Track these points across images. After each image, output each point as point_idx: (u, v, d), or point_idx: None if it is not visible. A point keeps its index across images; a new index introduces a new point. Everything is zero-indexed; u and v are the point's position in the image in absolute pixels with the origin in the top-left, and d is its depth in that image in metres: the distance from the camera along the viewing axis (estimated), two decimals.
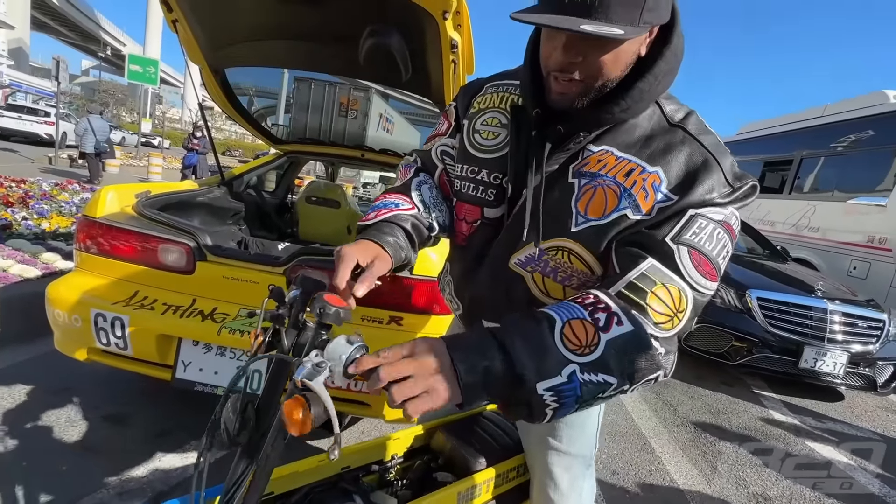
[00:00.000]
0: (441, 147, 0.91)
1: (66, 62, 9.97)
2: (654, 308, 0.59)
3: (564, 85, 0.64)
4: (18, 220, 3.52)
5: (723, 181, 0.65)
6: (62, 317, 1.59)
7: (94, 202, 1.75)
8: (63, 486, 1.45)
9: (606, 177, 0.68)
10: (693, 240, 0.62)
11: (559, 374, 0.53)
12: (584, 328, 0.56)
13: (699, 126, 0.70)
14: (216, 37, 1.94)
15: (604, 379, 0.55)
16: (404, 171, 0.92)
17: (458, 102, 0.89)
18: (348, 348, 0.53)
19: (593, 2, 0.55)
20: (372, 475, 0.99)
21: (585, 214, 0.69)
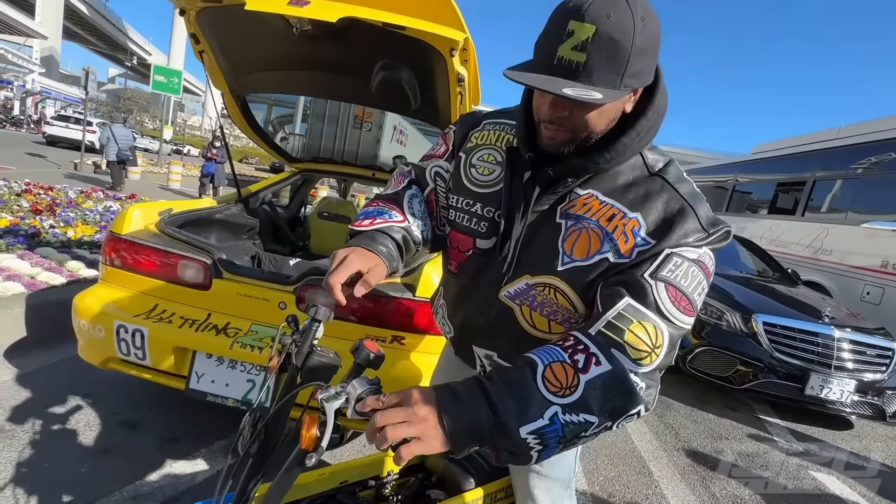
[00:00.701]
0: (435, 168, 0.95)
1: (95, 73, 10.39)
2: (631, 345, 0.62)
3: (553, 132, 0.71)
4: (46, 227, 3.70)
5: (698, 227, 0.69)
6: (87, 327, 1.70)
7: (120, 219, 1.87)
8: (82, 488, 1.54)
9: (591, 220, 0.73)
10: (669, 276, 0.66)
11: (541, 417, 0.56)
12: (563, 370, 0.60)
13: (677, 175, 0.75)
14: (239, 66, 2.06)
15: (585, 419, 0.58)
16: (398, 180, 0.96)
17: (457, 129, 0.94)
18: (365, 387, 0.61)
19: (578, 66, 0.61)
20: (368, 490, 1.06)
21: (571, 255, 0.74)
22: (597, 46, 0.59)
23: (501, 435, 0.56)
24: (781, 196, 6.91)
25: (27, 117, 25.69)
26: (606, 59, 0.60)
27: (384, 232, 0.81)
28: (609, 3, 0.59)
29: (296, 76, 2.10)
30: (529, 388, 0.59)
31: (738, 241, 5.20)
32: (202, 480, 1.67)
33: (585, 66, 0.60)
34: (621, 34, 0.59)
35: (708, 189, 9.32)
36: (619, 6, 0.59)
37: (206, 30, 1.86)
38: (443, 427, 0.55)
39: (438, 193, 0.95)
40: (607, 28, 0.59)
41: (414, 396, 0.56)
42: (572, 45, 0.60)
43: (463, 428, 0.55)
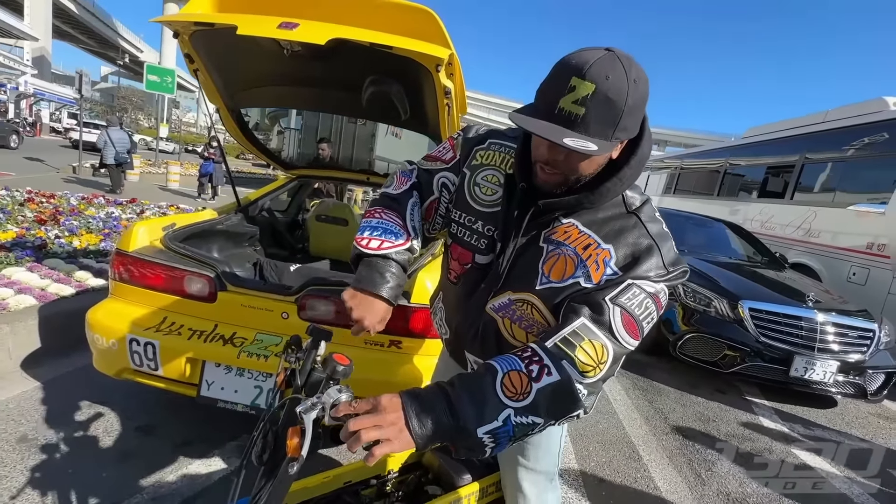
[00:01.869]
0: (443, 179, 1.01)
1: (89, 74, 10.36)
2: (580, 359, 0.72)
3: (547, 174, 0.80)
4: (52, 238, 3.79)
5: (660, 264, 0.79)
6: (101, 341, 1.81)
7: (126, 237, 1.96)
8: (105, 491, 1.66)
9: (569, 247, 0.83)
10: (626, 303, 0.76)
11: (496, 420, 0.66)
12: (519, 378, 0.69)
13: (650, 215, 0.85)
14: (233, 83, 2.13)
15: (533, 420, 0.68)
16: (401, 181, 1.01)
17: (463, 142, 1.00)
18: (337, 396, 0.71)
19: (577, 117, 0.69)
20: (370, 488, 1.17)
21: (548, 276, 0.83)
22: (594, 103, 0.68)
23: (460, 435, 0.66)
24: (772, 179, 6.99)
25: (22, 120, 25.50)
26: (602, 114, 0.69)
27: (392, 259, 0.89)
28: (608, 66, 0.67)
29: (289, 91, 2.17)
30: (488, 393, 0.68)
31: (727, 227, 5.30)
32: (217, 480, 1.79)
33: (583, 119, 0.68)
34: (616, 94, 0.67)
35: (700, 173, 9.38)
36: (616, 69, 0.67)
37: (199, 50, 1.93)
38: (409, 429, 0.63)
39: (441, 203, 1.01)
40: (605, 88, 0.67)
41: (382, 403, 0.65)
42: (573, 99, 0.68)
43: (427, 430, 0.64)
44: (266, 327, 1.81)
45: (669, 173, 10.74)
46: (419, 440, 0.64)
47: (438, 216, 1.03)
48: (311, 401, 0.72)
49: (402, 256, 0.90)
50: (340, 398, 0.73)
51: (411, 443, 0.64)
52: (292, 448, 0.71)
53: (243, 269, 2.41)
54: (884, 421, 3.46)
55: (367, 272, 0.87)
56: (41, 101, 32.85)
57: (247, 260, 2.60)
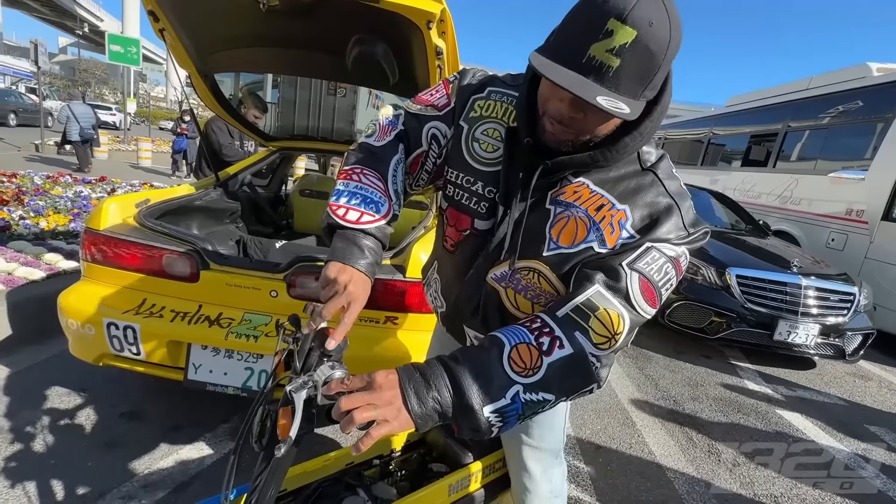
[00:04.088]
0: (433, 130, 0.88)
1: (45, 44, 9.68)
2: (595, 331, 0.65)
3: (557, 129, 0.69)
4: (16, 219, 3.57)
5: (680, 225, 0.72)
6: (75, 325, 1.70)
7: (96, 214, 1.82)
8: (92, 481, 1.59)
9: (579, 208, 0.74)
10: (645, 268, 0.69)
11: (504, 397, 0.60)
12: (529, 352, 0.63)
13: (668, 172, 0.76)
14: (204, 45, 1.97)
15: (543, 397, 0.62)
16: (385, 130, 0.88)
17: (460, 85, 0.88)
18: (330, 373, 0.66)
19: (609, 69, 0.58)
20: (373, 469, 1.13)
21: (557, 241, 0.75)
22: (633, 53, 0.58)
23: (465, 414, 0.59)
24: (754, 148, 7.04)
25: None
26: (638, 68, 0.59)
27: (373, 235, 0.78)
28: (652, 9, 0.57)
29: (267, 54, 2.02)
30: (494, 368, 0.61)
31: (711, 196, 5.34)
32: (210, 464, 1.74)
33: (616, 72, 0.58)
34: (658, 45, 0.58)
35: (684, 143, 9.41)
36: (659, 13, 0.57)
37: (164, 6, 1.76)
38: (408, 409, 0.57)
39: (429, 158, 0.89)
40: (647, 37, 0.57)
41: (378, 380, 0.58)
42: (608, 48, 0.58)
43: (427, 409, 0.58)
44: (254, 307, 1.72)
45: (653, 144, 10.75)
46: (419, 420, 0.58)
47: (424, 171, 0.90)
48: (302, 379, 0.66)
49: (381, 232, 0.79)
50: (333, 375, 0.66)
51: (410, 423, 0.57)
52: (283, 429, 0.64)
53: (226, 246, 2.30)
54: (860, 380, 3.60)
55: (345, 247, 0.75)
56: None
57: (229, 237, 2.48)
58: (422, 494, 0.98)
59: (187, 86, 2.33)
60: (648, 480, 2.03)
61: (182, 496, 1.57)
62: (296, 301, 1.70)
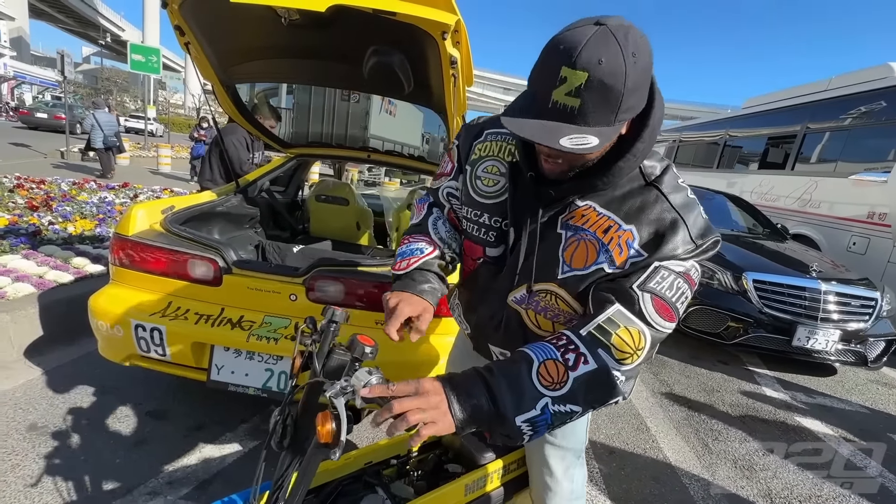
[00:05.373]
0: (447, 189, 1.01)
1: (71, 55, 10.01)
2: (616, 347, 0.70)
3: (551, 164, 0.76)
4: (46, 224, 3.71)
5: (687, 239, 0.74)
6: (105, 327, 1.77)
7: (125, 220, 1.90)
8: (120, 477, 1.65)
9: (588, 231, 0.78)
10: (656, 288, 0.72)
11: (534, 408, 0.66)
12: (556, 367, 0.68)
13: (672, 184, 0.79)
14: (227, 57, 2.04)
15: (570, 408, 0.68)
16: (419, 208, 1.04)
17: (461, 144, 0.98)
18: (368, 378, 0.69)
19: (573, 109, 0.62)
20: (391, 468, 1.16)
21: (570, 264, 0.80)
22: (590, 92, 0.61)
23: (499, 422, 0.65)
24: (772, 150, 6.93)
25: (4, 104, 24.80)
26: (600, 102, 0.62)
27: (423, 269, 0.89)
28: (600, 47, 0.59)
29: (287, 65, 2.08)
30: (525, 382, 0.67)
31: (728, 199, 5.27)
32: (231, 463, 1.79)
33: (580, 110, 0.62)
34: (613, 79, 0.60)
35: (700, 146, 9.30)
36: (609, 48, 0.60)
37: (190, 21, 1.83)
38: (451, 413, 0.63)
39: (456, 212, 1.01)
40: (599, 74, 0.59)
41: (426, 386, 0.65)
42: (566, 91, 0.61)
43: (468, 415, 0.64)
44: (274, 310, 1.78)
45: (668, 146, 10.63)
46: (459, 424, 0.64)
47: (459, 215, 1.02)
48: (340, 384, 0.70)
49: (434, 265, 0.91)
50: (371, 380, 0.70)
51: (452, 426, 0.63)
52: (325, 434, 0.67)
53: (246, 251, 2.37)
54: (882, 387, 3.52)
55: (401, 283, 0.88)
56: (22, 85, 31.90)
57: (249, 242, 2.55)
58: (438, 494, 1.01)
59: (206, 93, 2.41)
60: (663, 486, 2.02)
61: (204, 493, 1.62)
62: (314, 304, 1.75)
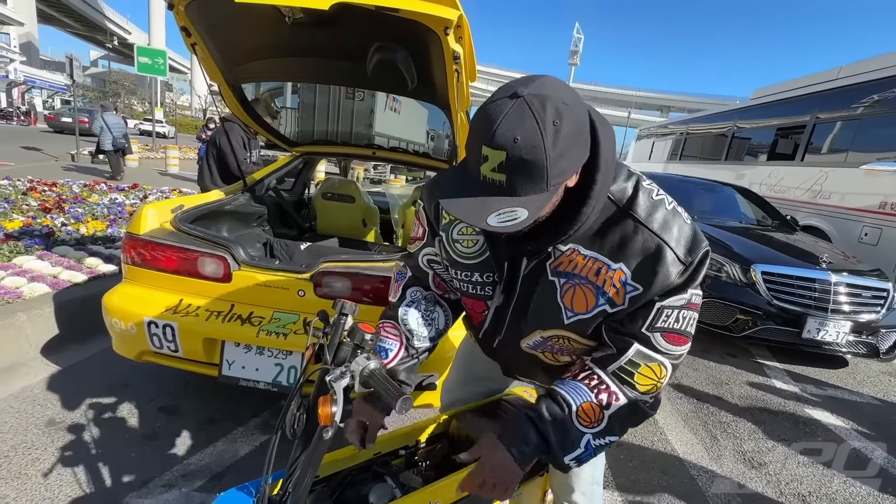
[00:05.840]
0: (426, 256, 0.99)
1: (79, 59, 10.14)
2: (641, 383, 0.79)
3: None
4: (59, 226, 3.78)
5: (676, 261, 0.73)
6: (119, 325, 1.81)
7: (136, 220, 1.94)
8: (136, 469, 1.69)
9: (580, 276, 0.79)
10: (664, 325, 0.77)
11: (579, 447, 0.79)
12: (591, 408, 0.79)
13: (646, 205, 0.76)
14: (232, 57, 2.06)
15: (609, 440, 0.80)
16: (395, 287, 1.03)
17: (426, 208, 0.95)
18: (366, 364, 0.75)
19: (501, 183, 0.62)
20: (400, 458, 1.17)
21: (572, 309, 0.81)
22: (511, 167, 0.60)
23: (552, 461, 0.82)
24: (781, 141, 6.85)
25: (16, 109, 25.17)
26: (525, 176, 0.61)
27: None
28: (514, 124, 0.59)
29: (291, 63, 2.10)
30: (569, 426, 0.79)
31: (736, 191, 5.23)
32: (243, 456, 1.82)
33: (508, 183, 0.62)
34: (532, 153, 0.59)
35: (707, 138, 9.21)
36: (524, 124, 0.58)
37: (196, 22, 1.86)
38: (517, 463, 0.79)
39: (443, 277, 1.00)
40: (516, 152, 0.59)
41: (494, 461, 0.80)
42: (490, 168, 0.61)
43: (528, 457, 0.80)
44: (283, 305, 1.80)
45: (675, 139, 10.55)
46: (523, 467, 0.80)
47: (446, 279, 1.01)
48: (340, 370, 0.75)
49: (396, 372, 0.96)
50: (369, 366, 0.75)
51: (519, 472, 0.79)
52: (324, 416, 0.72)
53: (254, 248, 2.40)
54: (895, 379, 3.48)
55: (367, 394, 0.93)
56: (32, 89, 32.35)
57: (257, 240, 2.58)
58: (447, 482, 1.02)
59: (213, 94, 2.43)
60: (671, 477, 2.02)
61: (218, 485, 1.65)
62: (322, 300, 1.78)
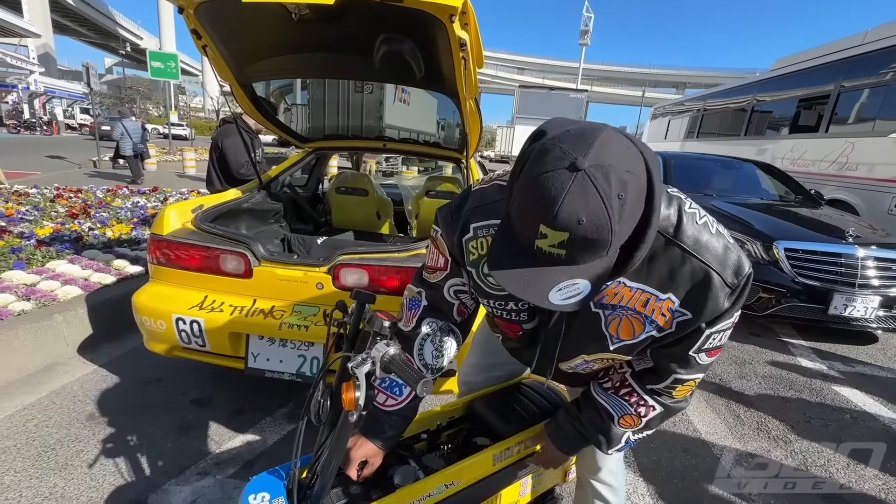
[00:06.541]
0: (452, 288, 0.97)
1: (95, 68, 10.37)
2: (677, 396, 0.90)
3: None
4: (86, 230, 3.92)
5: (724, 286, 0.73)
6: (148, 322, 1.88)
7: (159, 221, 2.00)
8: (172, 458, 1.78)
9: (628, 308, 0.79)
10: (710, 346, 0.81)
11: (620, 442, 0.97)
12: (631, 418, 0.92)
13: (692, 232, 0.74)
14: (242, 57, 2.09)
15: (646, 434, 0.97)
16: (409, 316, 1.00)
17: (447, 238, 0.91)
18: (386, 350, 0.77)
19: (560, 257, 0.58)
20: (422, 442, 1.21)
21: (618, 336, 0.83)
22: (573, 245, 0.56)
23: None
24: (804, 113, 6.61)
25: (38, 119, 25.95)
26: (586, 250, 0.58)
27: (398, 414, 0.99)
28: (579, 205, 0.54)
29: (300, 60, 2.12)
30: (611, 428, 0.95)
31: (757, 167, 5.09)
32: (272, 444, 1.89)
33: (567, 257, 0.58)
34: (596, 231, 0.55)
35: (726, 113, 8.95)
36: (589, 202, 0.54)
37: (206, 24, 1.89)
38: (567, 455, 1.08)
39: (466, 302, 1.00)
40: (581, 233, 0.55)
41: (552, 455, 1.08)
42: (550, 244, 0.57)
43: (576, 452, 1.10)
44: (303, 298, 1.85)
45: (691, 116, 10.28)
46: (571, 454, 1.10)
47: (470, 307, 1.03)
48: (361, 356, 0.78)
49: (407, 410, 0.99)
50: (389, 352, 0.77)
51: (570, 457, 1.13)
52: (348, 401, 0.75)
53: (272, 244, 2.45)
54: None
55: (370, 424, 0.99)
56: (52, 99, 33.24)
57: (274, 236, 2.63)
58: (468, 463, 1.05)
59: (224, 94, 2.47)
60: (693, 457, 2.02)
61: (250, 472, 1.72)
62: (340, 291, 1.82)
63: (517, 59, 75.55)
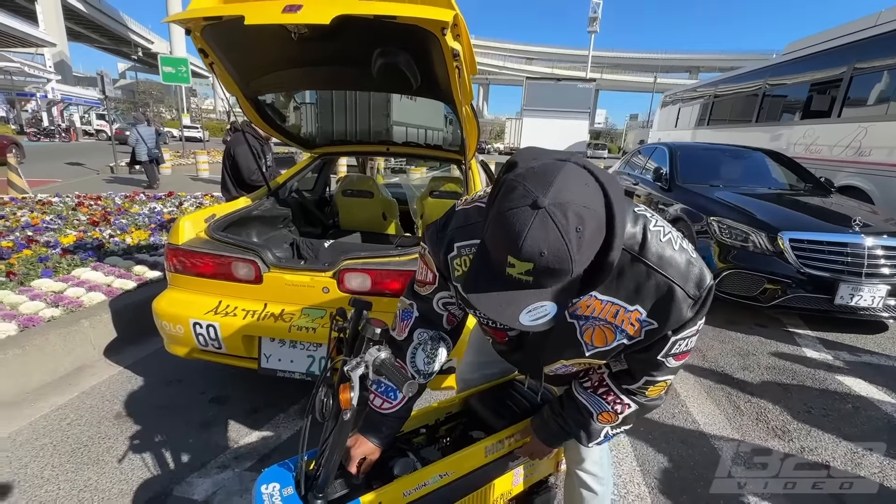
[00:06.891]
0: (441, 300, 1.05)
1: (108, 74, 10.64)
2: (650, 395, 0.98)
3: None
4: (107, 238, 4.09)
5: (687, 298, 0.80)
6: (168, 327, 2.01)
7: (174, 231, 2.12)
8: (194, 453, 1.91)
9: (599, 318, 0.87)
10: (677, 351, 0.89)
11: (599, 436, 1.04)
12: (609, 415, 1.01)
13: (655, 249, 0.80)
14: (247, 72, 2.19)
15: (624, 429, 1.05)
16: (401, 326, 1.09)
17: (433, 254, 0.98)
18: (377, 354, 0.87)
19: (527, 282, 0.64)
20: (420, 436, 1.30)
21: (593, 344, 0.91)
22: (538, 273, 0.63)
23: None
24: (816, 98, 6.49)
25: (56, 127, 26.65)
26: (551, 277, 0.64)
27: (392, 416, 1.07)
28: (539, 239, 0.60)
29: (303, 73, 2.21)
30: (590, 423, 1.04)
31: (767, 155, 5.04)
32: (286, 439, 2.01)
33: (535, 282, 0.65)
34: (559, 263, 0.61)
35: (736, 99, 8.80)
36: (549, 236, 0.60)
37: (212, 44, 1.99)
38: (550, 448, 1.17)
39: (455, 311, 1.08)
40: (543, 263, 0.61)
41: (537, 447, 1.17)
42: (518, 272, 0.63)
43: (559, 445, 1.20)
44: (310, 302, 1.95)
45: (702, 103, 10.12)
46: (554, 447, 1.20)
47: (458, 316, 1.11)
48: (355, 360, 0.87)
49: (401, 412, 1.07)
50: (380, 356, 0.87)
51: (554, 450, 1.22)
52: (344, 401, 0.85)
53: (282, 249, 2.56)
54: None
55: (368, 424, 1.07)
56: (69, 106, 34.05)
57: (284, 241, 2.75)
58: (462, 455, 1.14)
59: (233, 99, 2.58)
60: (690, 447, 2.08)
61: (265, 465, 1.83)
62: (346, 295, 1.91)
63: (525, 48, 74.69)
